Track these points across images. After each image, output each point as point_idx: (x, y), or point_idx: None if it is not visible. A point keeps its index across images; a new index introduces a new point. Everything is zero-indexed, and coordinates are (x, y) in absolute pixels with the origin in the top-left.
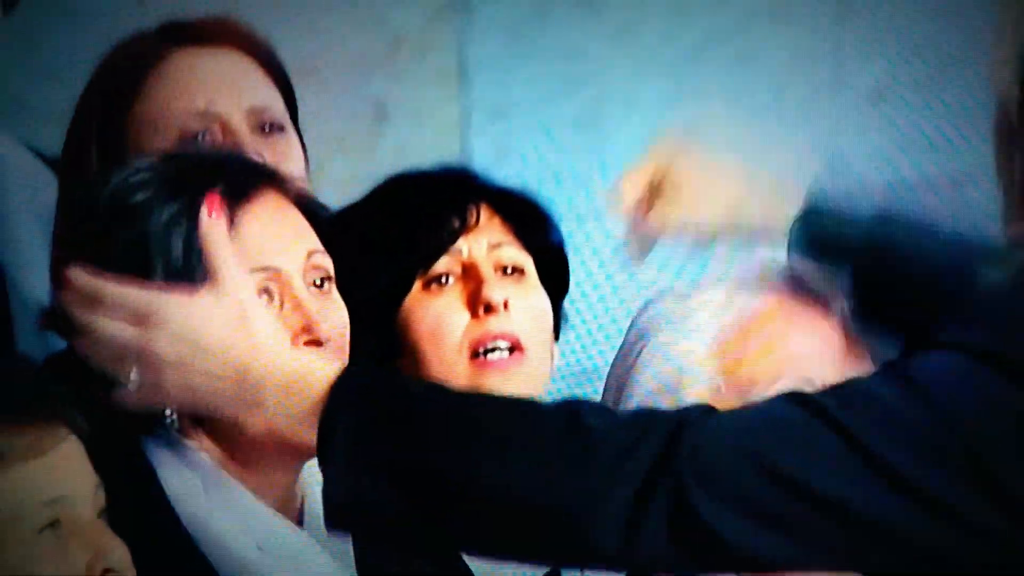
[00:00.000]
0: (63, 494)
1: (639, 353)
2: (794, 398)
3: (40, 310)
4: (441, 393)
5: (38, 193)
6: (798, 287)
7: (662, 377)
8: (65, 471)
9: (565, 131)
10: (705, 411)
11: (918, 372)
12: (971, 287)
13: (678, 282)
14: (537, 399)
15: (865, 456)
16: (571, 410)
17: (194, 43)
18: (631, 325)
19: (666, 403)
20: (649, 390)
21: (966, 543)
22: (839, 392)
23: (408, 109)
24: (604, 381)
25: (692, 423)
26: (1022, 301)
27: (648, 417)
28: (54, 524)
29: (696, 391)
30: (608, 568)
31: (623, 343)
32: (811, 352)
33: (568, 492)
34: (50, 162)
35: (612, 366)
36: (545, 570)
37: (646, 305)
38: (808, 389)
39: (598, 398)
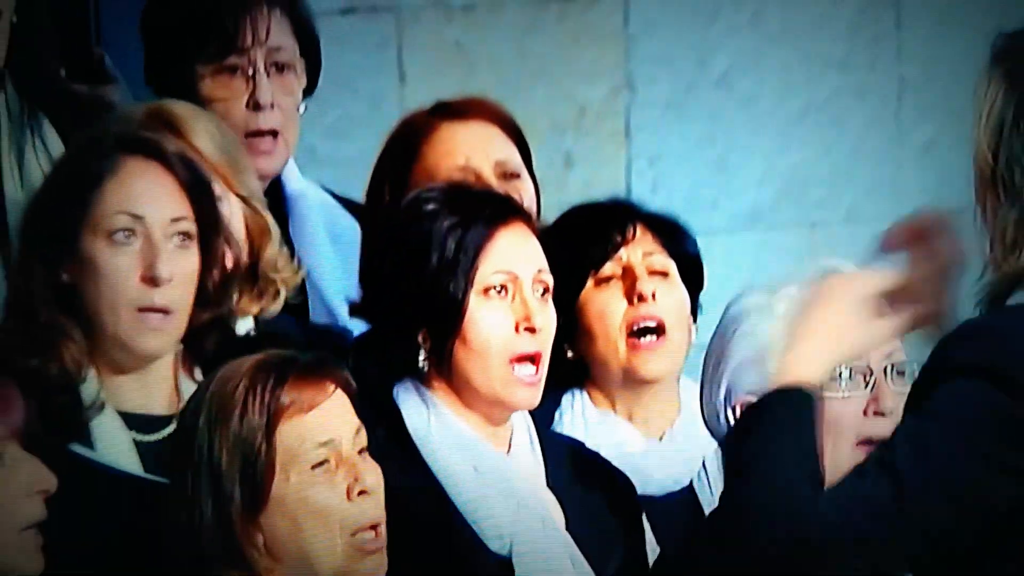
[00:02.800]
0: (331, 438)
1: (734, 332)
2: (866, 464)
3: (348, 303)
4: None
5: (334, 220)
6: None
7: (751, 350)
8: (332, 419)
9: (702, 172)
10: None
11: (941, 406)
12: None
13: (765, 281)
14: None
15: (913, 489)
16: None
17: (455, 117)
18: (725, 312)
19: (754, 369)
20: (740, 360)
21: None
22: (894, 443)
23: (588, 159)
24: (704, 353)
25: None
26: (1014, 323)
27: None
28: (324, 462)
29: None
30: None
31: (720, 325)
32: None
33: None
34: (336, 197)
35: (711, 342)
36: None
37: (738, 298)
38: (855, 362)
39: None
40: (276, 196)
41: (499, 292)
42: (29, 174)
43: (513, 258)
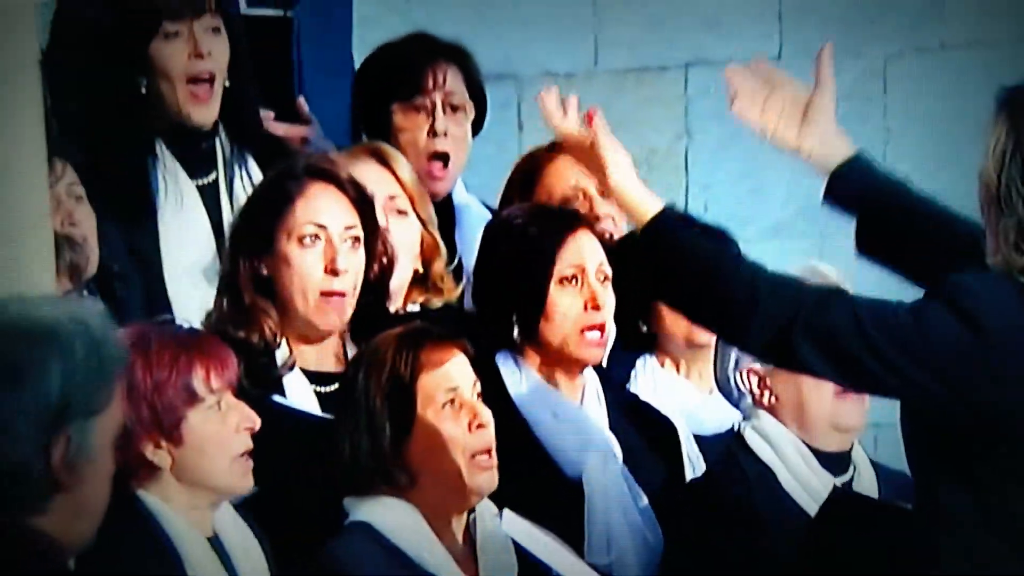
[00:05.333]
0: (457, 385)
1: None
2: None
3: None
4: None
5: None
6: None
7: None
8: (457, 372)
9: (740, 197)
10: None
11: (920, 311)
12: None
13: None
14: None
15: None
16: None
17: (565, 152)
18: None
19: None
20: None
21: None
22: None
23: (656, 187)
24: None
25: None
26: (992, 284)
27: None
28: (451, 401)
29: None
30: (744, 345)
31: None
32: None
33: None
34: (491, 208)
35: None
36: None
37: None
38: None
39: None
40: (447, 208)
41: (571, 281)
42: (237, 201)
43: (581, 256)
